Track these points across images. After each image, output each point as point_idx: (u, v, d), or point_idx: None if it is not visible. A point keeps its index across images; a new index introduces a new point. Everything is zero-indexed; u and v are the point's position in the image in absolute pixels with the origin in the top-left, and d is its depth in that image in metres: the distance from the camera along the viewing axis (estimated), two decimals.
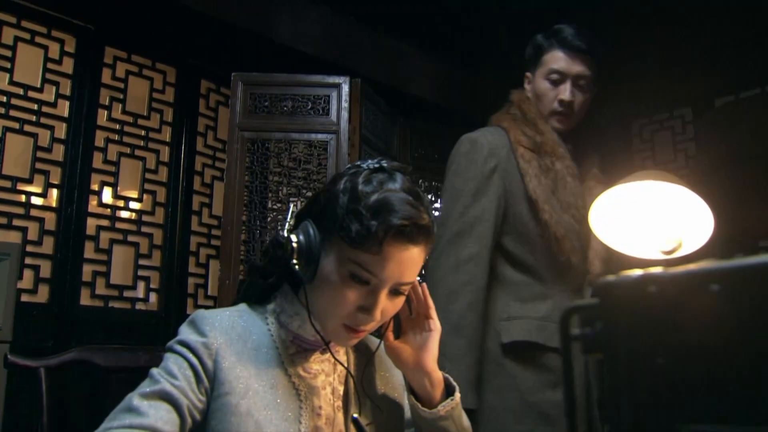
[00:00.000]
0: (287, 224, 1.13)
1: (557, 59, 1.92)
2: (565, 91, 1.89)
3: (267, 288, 1.20)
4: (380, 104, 3.11)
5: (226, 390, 1.05)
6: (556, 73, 1.91)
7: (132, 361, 1.67)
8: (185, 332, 1.11)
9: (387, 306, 1.09)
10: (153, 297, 3.57)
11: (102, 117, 3.46)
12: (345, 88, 2.81)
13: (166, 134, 3.71)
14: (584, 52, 1.90)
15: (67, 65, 3.36)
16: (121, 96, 3.54)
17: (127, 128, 3.55)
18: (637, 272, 0.46)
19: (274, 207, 2.95)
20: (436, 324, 1.21)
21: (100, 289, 3.36)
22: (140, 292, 3.53)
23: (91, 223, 3.37)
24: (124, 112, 3.55)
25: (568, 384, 0.51)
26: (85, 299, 3.29)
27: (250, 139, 2.78)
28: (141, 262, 3.54)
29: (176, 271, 3.62)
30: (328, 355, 1.18)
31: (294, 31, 3.39)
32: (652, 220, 1.06)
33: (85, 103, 3.37)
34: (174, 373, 1.05)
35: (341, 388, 1.18)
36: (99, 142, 3.43)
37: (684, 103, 4.48)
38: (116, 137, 3.50)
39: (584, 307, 0.49)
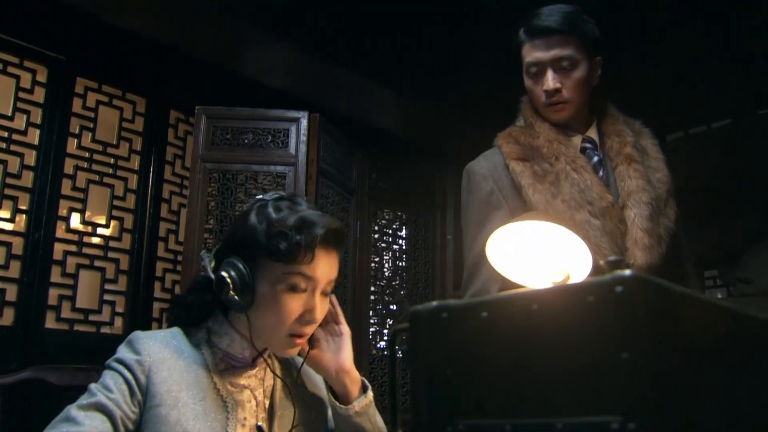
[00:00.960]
0: (210, 265, 1.27)
1: (530, 51, 1.77)
2: (547, 80, 1.74)
3: (199, 314, 1.33)
4: (338, 137, 3.26)
5: (157, 402, 1.19)
6: (534, 66, 1.76)
7: (85, 380, 1.77)
8: (122, 351, 1.26)
9: (322, 308, 1.29)
10: (118, 321, 3.65)
11: (72, 145, 3.57)
12: (304, 123, 2.95)
13: (135, 162, 3.82)
14: (556, 32, 1.73)
15: (39, 95, 3.46)
16: (91, 125, 3.65)
17: (96, 156, 3.65)
18: (434, 303, 0.59)
19: None
20: (346, 328, 1.39)
21: (66, 313, 3.44)
22: (105, 316, 3.61)
23: (59, 248, 3.45)
24: (93, 140, 3.65)
25: (393, 394, 0.64)
26: (50, 322, 3.36)
27: (211, 170, 2.91)
28: (107, 286, 3.62)
29: (141, 296, 3.71)
30: (255, 371, 1.33)
31: (260, 66, 3.54)
32: (542, 255, 1.20)
33: (55, 131, 3.48)
34: (110, 387, 1.18)
35: (267, 402, 1.32)
36: (68, 169, 3.53)
37: None
38: (85, 165, 3.60)
39: (402, 329, 0.62)
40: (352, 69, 3.61)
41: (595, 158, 1.80)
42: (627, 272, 0.49)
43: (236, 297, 1.23)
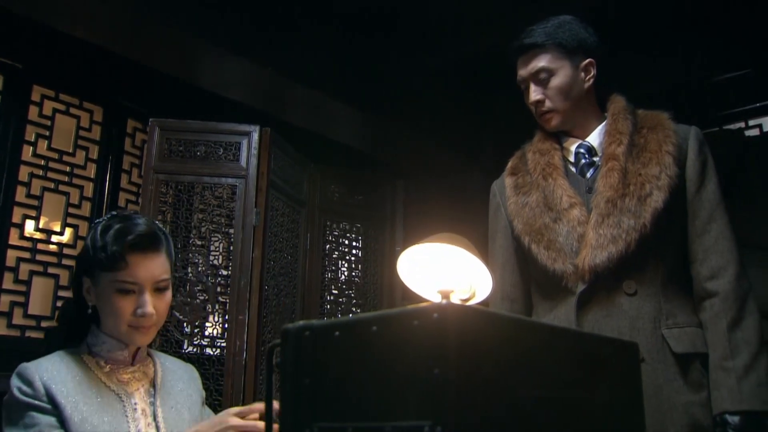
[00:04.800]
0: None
1: (517, 70, 1.86)
2: (530, 94, 1.82)
3: (75, 333, 1.56)
4: (290, 151, 3.34)
5: (61, 409, 1.39)
6: (521, 83, 1.86)
7: None
8: (14, 387, 1.42)
9: (157, 303, 1.50)
10: None
11: (27, 153, 3.61)
12: (255, 136, 3.03)
13: (91, 171, 3.87)
14: (530, 47, 1.81)
15: None
16: (47, 133, 3.69)
17: (51, 164, 3.69)
18: (300, 323, 0.69)
19: (197, 243, 3.13)
20: None
21: (18, 319, 3.46)
22: None
23: (12, 255, 3.48)
24: (49, 148, 3.70)
25: (269, 400, 0.74)
26: (1, 329, 3.39)
27: (163, 182, 2.97)
28: (60, 293, 3.66)
29: None
30: (137, 367, 1.56)
31: (216, 79, 3.60)
32: (449, 273, 1.31)
33: (9, 138, 3.51)
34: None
35: (152, 390, 1.56)
36: (23, 176, 3.57)
37: None
38: (40, 172, 3.64)
39: (276, 344, 0.72)
40: (307, 83, 3.70)
41: (583, 161, 1.82)
42: (444, 301, 0.59)
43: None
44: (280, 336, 0.71)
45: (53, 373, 1.43)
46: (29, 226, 3.58)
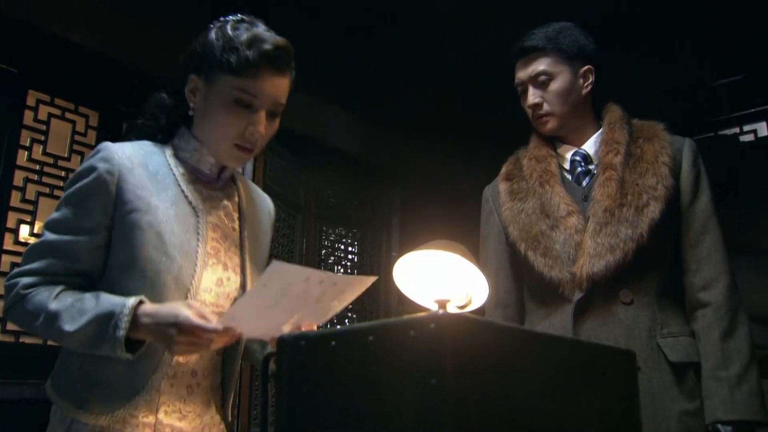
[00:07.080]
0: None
1: (516, 73, 1.86)
2: (528, 96, 1.83)
3: (163, 130, 1.45)
4: (286, 156, 3.35)
5: (129, 208, 1.27)
6: (519, 86, 1.86)
7: (17, 394, 1.83)
8: (93, 160, 1.32)
9: (268, 127, 1.37)
10: None
11: (22, 157, 3.59)
12: None
13: None
14: (530, 51, 1.82)
15: None
16: (43, 138, 3.68)
17: (47, 169, 3.67)
18: (295, 332, 0.68)
19: None
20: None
21: (12, 325, 3.44)
22: None
23: (6, 260, 3.46)
24: (44, 153, 3.68)
25: (264, 408, 0.73)
26: None
27: None
28: None
29: None
30: (221, 186, 1.44)
31: None
32: (446, 281, 1.31)
33: (5, 143, 3.49)
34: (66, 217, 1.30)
35: (236, 214, 1.45)
36: (18, 181, 3.55)
37: None
38: (35, 177, 3.63)
39: (272, 354, 0.71)
40: (303, 87, 3.69)
41: (579, 169, 1.82)
42: (440, 311, 0.59)
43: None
44: (276, 345, 0.70)
45: (134, 161, 1.31)
46: (24, 231, 3.56)
